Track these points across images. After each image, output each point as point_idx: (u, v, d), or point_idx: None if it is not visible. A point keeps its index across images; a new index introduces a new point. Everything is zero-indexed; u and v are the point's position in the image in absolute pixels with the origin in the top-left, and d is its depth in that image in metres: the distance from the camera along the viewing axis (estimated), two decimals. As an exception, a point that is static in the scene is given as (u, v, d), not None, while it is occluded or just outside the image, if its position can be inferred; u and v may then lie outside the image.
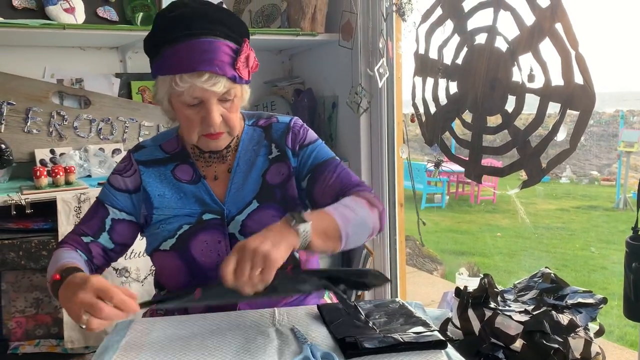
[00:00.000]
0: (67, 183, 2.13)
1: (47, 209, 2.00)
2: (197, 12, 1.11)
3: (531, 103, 1.62)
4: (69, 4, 2.35)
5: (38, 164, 2.29)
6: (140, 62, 2.63)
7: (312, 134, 1.30)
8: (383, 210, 1.21)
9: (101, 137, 2.48)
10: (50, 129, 2.38)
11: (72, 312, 0.92)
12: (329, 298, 1.38)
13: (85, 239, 1.21)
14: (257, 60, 1.18)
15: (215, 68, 1.08)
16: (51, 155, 2.36)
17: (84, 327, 0.89)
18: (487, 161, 1.91)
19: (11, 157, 2.20)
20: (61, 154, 2.35)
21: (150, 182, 1.24)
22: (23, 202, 1.94)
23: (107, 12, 2.50)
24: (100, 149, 2.44)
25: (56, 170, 2.09)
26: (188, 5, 1.12)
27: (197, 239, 1.19)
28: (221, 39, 1.10)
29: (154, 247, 1.22)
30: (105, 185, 1.27)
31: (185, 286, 1.22)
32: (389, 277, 1.06)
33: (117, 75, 2.60)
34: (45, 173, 2.08)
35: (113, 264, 2.08)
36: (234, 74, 1.11)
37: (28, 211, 1.95)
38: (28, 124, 2.34)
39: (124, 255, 1.42)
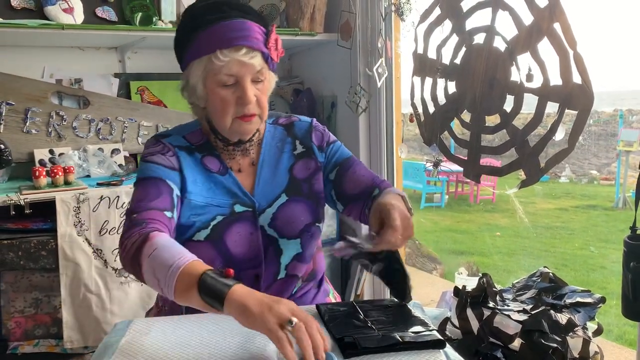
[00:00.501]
0: (66, 183, 2.13)
1: (46, 209, 2.00)
2: (225, 0, 1.17)
3: (530, 103, 1.62)
4: (68, 4, 2.35)
5: (37, 164, 2.29)
6: (139, 62, 2.63)
7: (332, 134, 1.38)
8: None
9: (100, 137, 2.48)
10: (49, 129, 2.38)
11: (274, 311, 0.86)
12: (333, 298, 1.38)
13: (168, 215, 1.12)
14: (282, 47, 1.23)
15: (252, 43, 1.13)
16: (50, 156, 2.36)
17: (293, 322, 0.85)
18: (486, 161, 1.91)
19: (10, 157, 2.20)
20: (60, 154, 2.35)
21: (186, 166, 1.22)
22: (22, 202, 1.94)
23: (106, 12, 2.50)
24: (99, 149, 2.44)
25: (55, 171, 2.09)
26: None
27: (232, 230, 1.21)
28: (252, 21, 1.16)
29: (187, 237, 1.20)
30: (149, 165, 1.18)
31: None
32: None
33: (116, 75, 2.60)
34: (44, 173, 2.08)
35: (113, 264, 2.09)
36: (267, 52, 1.16)
37: (27, 211, 1.95)
38: (27, 124, 2.34)
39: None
